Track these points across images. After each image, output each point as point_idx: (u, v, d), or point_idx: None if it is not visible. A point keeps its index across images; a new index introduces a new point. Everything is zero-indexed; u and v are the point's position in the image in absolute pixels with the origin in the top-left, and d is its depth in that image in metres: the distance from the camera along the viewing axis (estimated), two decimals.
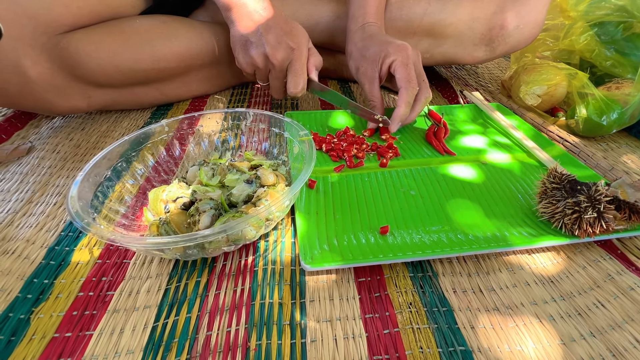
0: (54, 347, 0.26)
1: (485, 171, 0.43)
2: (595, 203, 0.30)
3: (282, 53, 0.48)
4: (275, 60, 0.48)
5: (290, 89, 0.49)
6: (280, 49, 0.48)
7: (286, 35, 0.48)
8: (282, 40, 0.48)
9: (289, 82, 0.50)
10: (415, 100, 0.48)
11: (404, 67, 0.47)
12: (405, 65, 0.47)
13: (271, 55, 0.48)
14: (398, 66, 0.47)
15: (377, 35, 0.52)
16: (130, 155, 0.39)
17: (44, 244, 0.34)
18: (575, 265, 0.32)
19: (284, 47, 0.48)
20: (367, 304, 0.29)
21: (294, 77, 0.49)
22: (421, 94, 0.48)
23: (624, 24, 0.54)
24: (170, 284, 0.31)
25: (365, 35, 0.52)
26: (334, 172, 0.43)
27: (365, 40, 0.52)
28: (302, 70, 0.49)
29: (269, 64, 0.49)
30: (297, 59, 0.49)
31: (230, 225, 0.27)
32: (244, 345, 0.26)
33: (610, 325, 0.27)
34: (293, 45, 0.48)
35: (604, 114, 0.48)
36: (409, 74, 0.47)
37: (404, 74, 0.47)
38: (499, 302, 0.29)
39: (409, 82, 0.47)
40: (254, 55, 0.49)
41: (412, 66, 0.47)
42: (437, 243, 0.33)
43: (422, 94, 0.48)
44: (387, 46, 0.48)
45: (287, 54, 0.48)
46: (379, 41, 0.50)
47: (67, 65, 0.49)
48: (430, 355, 0.25)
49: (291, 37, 0.48)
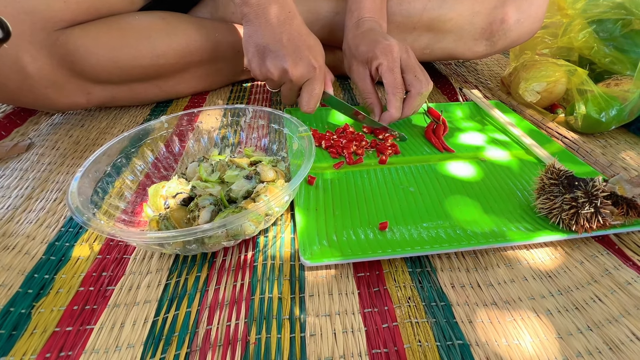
0: (55, 341, 0.26)
1: (484, 168, 0.43)
2: (593, 198, 0.31)
3: (302, 70, 0.45)
4: (294, 76, 0.45)
5: (303, 107, 0.48)
6: (302, 65, 0.45)
7: (310, 51, 0.45)
8: (305, 56, 0.45)
9: (302, 99, 0.47)
10: (408, 96, 0.48)
11: (390, 73, 0.47)
12: (390, 70, 0.46)
13: (291, 71, 0.45)
14: (384, 71, 0.47)
15: (369, 32, 0.51)
16: (130, 152, 0.39)
17: (45, 240, 0.35)
18: (572, 260, 0.32)
19: (306, 64, 0.45)
20: (366, 298, 0.29)
21: (310, 97, 0.47)
22: (414, 89, 0.47)
23: (622, 20, 0.54)
24: (170, 279, 0.31)
25: (358, 32, 0.52)
26: (334, 168, 0.43)
27: (357, 38, 0.51)
28: (319, 90, 0.47)
29: (286, 78, 0.46)
30: (316, 79, 0.47)
31: (229, 220, 0.27)
32: (243, 339, 0.26)
33: (607, 319, 0.27)
34: (315, 64, 0.46)
35: (602, 111, 0.49)
36: (395, 79, 0.46)
37: (390, 79, 0.47)
38: (496, 297, 0.29)
39: (395, 87, 0.47)
40: (271, 66, 0.45)
41: (397, 70, 0.47)
42: (436, 239, 0.33)
43: (415, 90, 0.47)
44: (375, 47, 0.47)
45: (308, 71, 0.46)
46: (368, 40, 0.49)
47: (66, 61, 0.49)
48: (428, 349, 0.26)
49: (314, 55, 0.46)
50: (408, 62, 0.48)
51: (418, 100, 0.48)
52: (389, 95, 0.47)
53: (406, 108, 0.49)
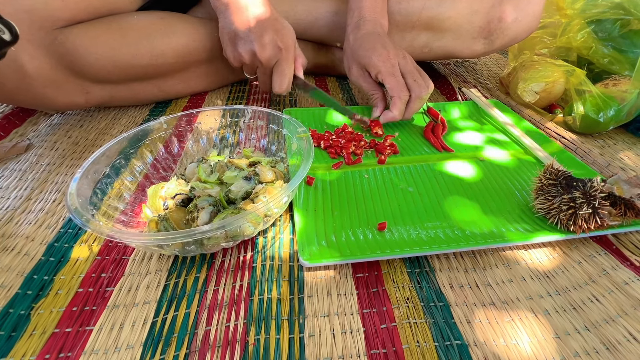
0: (55, 342, 0.26)
1: (482, 168, 0.43)
2: (590, 199, 0.31)
3: (270, 52, 0.48)
4: (262, 58, 0.49)
5: (275, 88, 0.51)
6: (269, 47, 0.48)
7: (276, 33, 0.48)
8: (272, 38, 0.48)
9: (274, 81, 0.51)
10: (409, 100, 0.49)
11: (391, 77, 0.48)
12: (391, 75, 0.48)
13: (259, 53, 0.48)
14: (385, 77, 0.48)
15: (368, 36, 0.51)
16: (129, 153, 0.39)
17: (44, 241, 0.35)
18: (570, 260, 0.32)
19: (273, 46, 0.48)
20: (365, 299, 0.29)
21: (280, 77, 0.50)
22: (414, 93, 0.48)
23: (621, 21, 0.54)
24: (169, 280, 0.31)
25: (358, 34, 0.52)
26: (332, 168, 0.43)
27: (357, 40, 0.52)
28: (288, 71, 0.50)
29: (257, 60, 0.50)
30: (284, 59, 0.50)
31: (228, 221, 0.28)
32: (242, 339, 0.26)
33: (605, 319, 0.28)
34: (281, 45, 0.49)
35: (601, 111, 0.49)
36: (398, 82, 0.48)
37: (394, 83, 0.48)
38: (495, 297, 0.29)
39: (400, 90, 0.48)
40: (242, 51, 0.49)
41: (398, 73, 0.48)
42: (435, 239, 0.33)
43: (415, 94, 0.48)
44: (371, 54, 0.49)
45: (275, 53, 0.49)
46: (367, 45, 0.50)
47: (64, 60, 0.49)
48: (426, 349, 0.26)
49: (280, 37, 0.49)
50: (406, 66, 0.49)
51: (418, 103, 0.49)
52: (395, 98, 0.48)
53: (406, 112, 0.50)
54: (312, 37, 0.65)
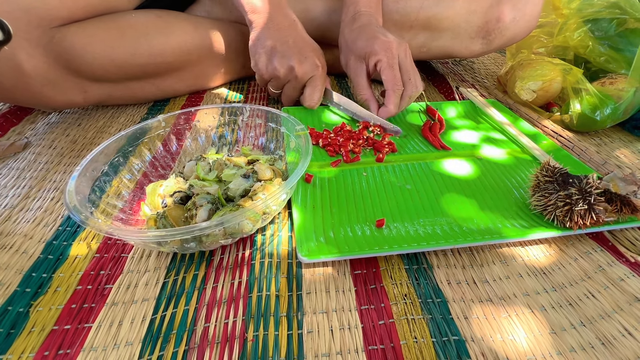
0: (54, 338, 0.26)
1: (480, 166, 0.43)
2: (586, 195, 0.31)
3: (307, 68, 0.50)
4: (299, 72, 0.50)
5: (307, 102, 0.53)
6: (307, 63, 0.50)
7: (313, 52, 0.51)
8: (310, 56, 0.50)
9: (307, 94, 0.52)
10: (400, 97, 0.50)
11: (389, 69, 0.48)
12: (390, 67, 0.48)
13: (297, 68, 0.50)
14: (384, 68, 0.48)
15: (366, 27, 0.52)
16: (128, 150, 0.39)
17: (42, 239, 0.35)
18: (567, 257, 0.33)
19: (311, 62, 0.50)
20: (363, 295, 0.29)
21: (313, 90, 0.52)
22: (405, 92, 0.49)
23: (617, 20, 0.54)
24: (168, 277, 0.31)
25: (354, 26, 0.53)
26: (331, 166, 0.43)
27: (353, 32, 0.52)
28: (322, 87, 0.52)
29: (292, 75, 0.51)
30: (319, 77, 0.52)
31: (227, 218, 0.28)
32: (241, 336, 0.26)
33: (600, 315, 0.28)
34: (319, 63, 0.51)
35: (597, 109, 0.49)
36: (395, 76, 0.48)
37: (390, 76, 0.48)
38: (492, 293, 0.30)
39: (395, 84, 0.48)
40: (278, 64, 0.50)
41: (397, 66, 0.48)
42: (432, 235, 0.33)
43: (407, 92, 0.49)
44: (373, 43, 0.49)
45: (313, 69, 0.51)
46: (366, 35, 0.50)
47: (62, 59, 0.49)
48: (424, 345, 0.26)
49: (317, 55, 0.52)
50: (404, 62, 0.49)
51: (407, 101, 0.50)
52: (389, 92, 0.48)
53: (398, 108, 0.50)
54: (310, 35, 0.65)
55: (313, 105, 0.53)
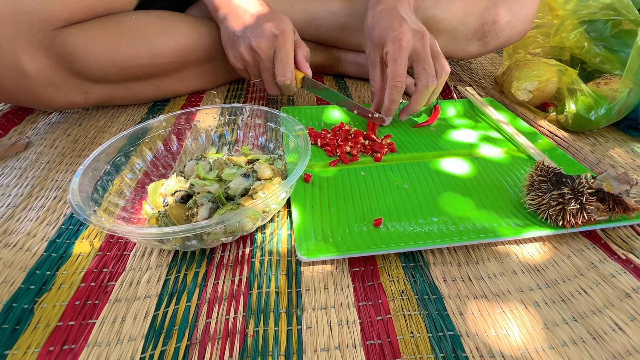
0: (58, 334, 0.27)
1: (476, 165, 0.44)
2: (578, 195, 0.32)
3: (265, 41, 0.48)
4: (260, 49, 0.48)
5: (279, 77, 0.49)
6: (264, 37, 0.48)
7: (268, 23, 0.48)
8: (265, 28, 0.48)
9: (276, 70, 0.49)
10: (415, 90, 0.47)
11: (392, 63, 0.46)
12: (393, 61, 0.45)
13: (256, 46, 0.48)
14: (388, 60, 0.46)
15: (387, 12, 0.47)
16: (129, 150, 0.39)
17: (45, 237, 0.35)
18: (560, 254, 0.33)
19: (267, 34, 0.48)
20: (361, 292, 0.30)
21: (281, 64, 0.48)
22: (420, 83, 0.46)
23: (612, 21, 0.55)
24: (169, 275, 0.31)
25: (377, 10, 0.49)
26: (330, 166, 0.44)
27: (375, 17, 0.49)
28: (287, 57, 0.49)
29: (256, 55, 0.49)
30: (281, 46, 0.48)
31: (228, 217, 0.28)
32: (242, 331, 0.27)
33: (592, 310, 0.29)
34: (276, 32, 0.48)
35: (592, 110, 0.50)
36: (395, 70, 0.45)
37: (391, 69, 0.46)
38: (487, 290, 0.30)
39: (393, 78, 0.46)
40: (241, 49, 0.50)
41: (402, 60, 0.45)
42: (429, 234, 0.34)
43: (421, 83, 0.46)
44: (386, 33, 0.46)
45: (271, 41, 0.48)
46: (384, 23, 0.47)
47: (64, 60, 0.49)
48: (420, 339, 0.27)
49: (274, 25, 0.48)
50: (420, 52, 0.45)
51: (424, 94, 0.47)
52: (387, 87, 0.47)
53: (413, 103, 0.48)
54: (309, 36, 0.65)
55: (285, 81, 0.49)
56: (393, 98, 0.47)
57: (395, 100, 0.48)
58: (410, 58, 0.46)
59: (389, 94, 0.47)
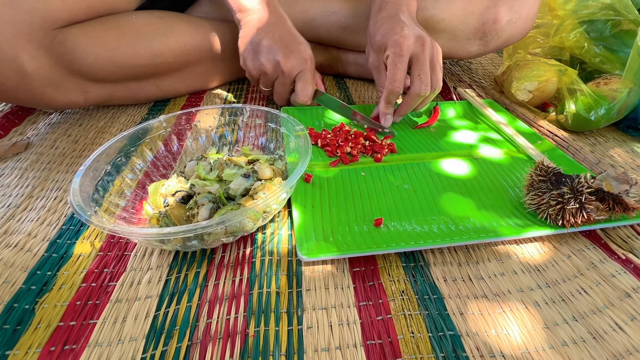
0: (59, 335, 0.27)
1: (476, 165, 0.44)
2: (578, 194, 0.32)
3: (294, 62, 0.50)
4: (286, 68, 0.50)
5: (299, 97, 0.51)
6: (293, 57, 0.50)
7: (299, 46, 0.50)
8: (296, 49, 0.50)
9: (299, 89, 0.51)
10: (406, 95, 0.49)
11: (391, 66, 0.47)
12: (392, 64, 0.47)
13: (283, 63, 0.49)
14: (388, 64, 0.47)
15: (389, 19, 0.49)
16: (129, 151, 0.39)
17: (46, 238, 0.35)
18: (560, 254, 0.33)
19: (297, 56, 0.50)
20: (361, 292, 0.30)
21: (304, 85, 0.51)
22: (412, 89, 0.47)
23: (612, 21, 0.55)
24: (170, 275, 0.32)
25: (379, 17, 0.50)
26: (330, 166, 0.44)
27: (377, 24, 0.50)
28: (312, 80, 0.52)
29: (279, 71, 0.50)
30: (308, 70, 0.51)
31: (228, 217, 0.28)
32: (243, 331, 0.27)
33: (592, 310, 0.29)
34: (305, 57, 0.51)
35: (592, 110, 0.50)
36: (394, 74, 0.46)
37: (390, 73, 0.47)
38: (487, 290, 0.30)
39: (391, 82, 0.47)
40: (264, 61, 0.50)
41: (401, 64, 0.46)
42: (429, 234, 0.34)
43: (413, 89, 0.47)
44: (388, 38, 0.47)
45: (300, 63, 0.50)
46: (385, 29, 0.48)
47: (64, 60, 0.49)
48: (420, 339, 0.27)
49: (304, 49, 0.51)
50: (419, 57, 0.46)
51: (414, 101, 0.48)
52: (385, 89, 0.48)
53: (402, 106, 0.49)
54: (309, 36, 0.65)
55: (306, 101, 0.51)
56: (389, 101, 0.49)
57: (392, 103, 0.49)
58: (409, 62, 0.47)
59: (386, 96, 0.48)
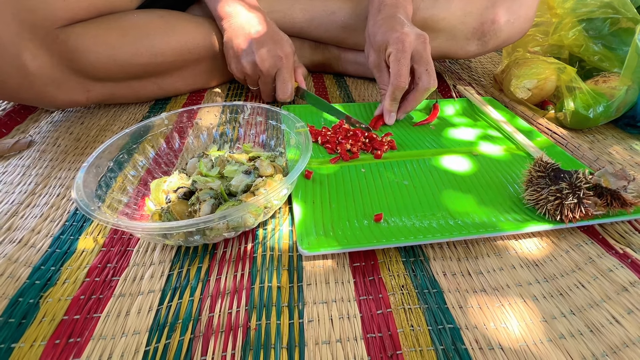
0: (64, 328, 0.27)
1: (476, 162, 0.44)
2: (576, 190, 0.32)
3: (270, 61, 0.52)
4: (263, 67, 0.53)
5: (279, 95, 0.54)
6: (269, 57, 0.52)
7: (274, 44, 0.53)
8: (271, 48, 0.52)
9: (277, 89, 0.54)
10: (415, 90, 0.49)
11: (395, 63, 0.47)
12: (396, 61, 0.47)
13: (260, 64, 0.52)
14: (391, 60, 0.48)
15: (388, 19, 0.50)
16: (132, 148, 0.40)
17: (49, 234, 0.36)
18: (559, 249, 0.34)
19: (272, 55, 0.52)
20: (362, 287, 0.30)
21: (282, 84, 0.54)
22: (422, 84, 0.48)
23: (610, 19, 0.55)
24: (172, 270, 0.32)
25: (378, 18, 0.51)
26: (330, 163, 0.44)
27: (376, 25, 0.51)
28: (289, 78, 0.54)
29: (258, 71, 0.53)
30: (284, 67, 0.53)
31: (230, 212, 0.29)
32: (244, 325, 0.27)
33: (590, 304, 0.29)
34: (281, 54, 0.53)
35: (590, 107, 0.50)
36: (399, 70, 0.47)
37: (394, 69, 0.47)
38: (486, 284, 0.31)
39: (396, 77, 0.47)
40: (244, 63, 0.54)
41: (404, 60, 0.47)
42: (429, 229, 0.34)
43: (422, 84, 0.48)
44: (389, 36, 0.48)
45: (275, 62, 0.53)
46: (385, 28, 0.49)
47: (66, 59, 0.50)
48: (420, 332, 0.27)
49: (280, 47, 0.53)
50: (422, 54, 0.47)
51: (424, 94, 0.49)
52: (390, 85, 0.48)
53: (410, 102, 0.50)
54: (308, 36, 0.66)
55: (285, 99, 0.54)
56: (395, 97, 0.49)
57: (397, 100, 0.50)
58: (412, 59, 0.48)
59: (391, 93, 0.49)
